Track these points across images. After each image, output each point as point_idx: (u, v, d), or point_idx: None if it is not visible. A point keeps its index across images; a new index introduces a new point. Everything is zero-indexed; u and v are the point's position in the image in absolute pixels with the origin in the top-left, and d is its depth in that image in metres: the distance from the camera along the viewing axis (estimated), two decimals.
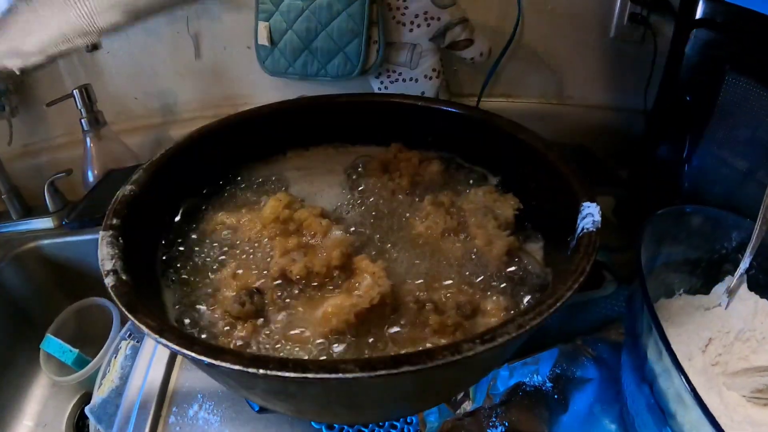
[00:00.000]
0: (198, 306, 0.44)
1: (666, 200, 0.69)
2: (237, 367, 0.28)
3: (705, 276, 0.58)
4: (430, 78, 0.77)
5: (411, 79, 0.77)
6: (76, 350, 0.71)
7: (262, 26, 0.76)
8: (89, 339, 0.77)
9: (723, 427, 0.37)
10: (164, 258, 0.49)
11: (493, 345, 0.31)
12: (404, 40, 0.75)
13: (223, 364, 0.28)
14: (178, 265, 0.49)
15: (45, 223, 0.79)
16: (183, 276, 0.48)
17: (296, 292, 0.45)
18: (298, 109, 0.64)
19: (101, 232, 0.42)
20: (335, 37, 0.74)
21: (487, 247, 0.49)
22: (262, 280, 0.45)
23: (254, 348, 0.40)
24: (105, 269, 0.38)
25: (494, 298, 0.46)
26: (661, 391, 0.43)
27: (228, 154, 0.61)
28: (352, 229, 0.52)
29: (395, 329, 0.42)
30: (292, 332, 0.41)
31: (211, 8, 0.78)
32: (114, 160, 0.77)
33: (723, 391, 0.50)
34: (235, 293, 0.43)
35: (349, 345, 0.40)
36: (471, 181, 0.60)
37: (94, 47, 0.79)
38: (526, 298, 0.46)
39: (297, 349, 0.40)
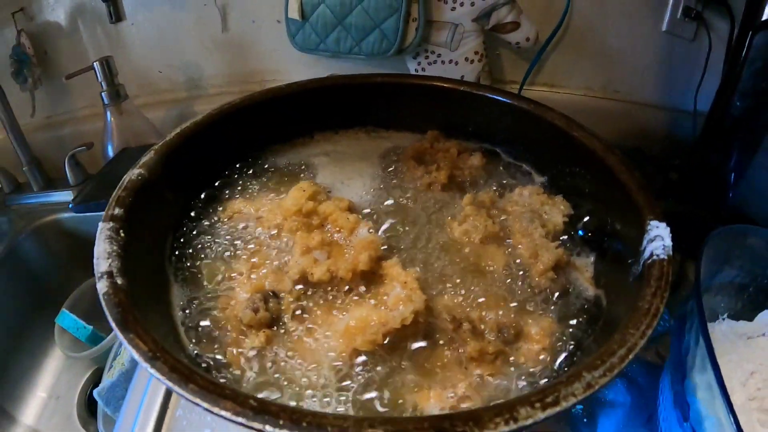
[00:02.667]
0: (207, 308, 0.37)
1: (711, 210, 0.61)
2: (240, 420, 0.20)
3: (751, 301, 0.49)
4: (472, 61, 0.67)
5: (451, 62, 0.67)
6: (90, 327, 0.66)
7: None
8: (104, 315, 0.72)
9: None
10: (174, 251, 0.42)
11: (556, 411, 0.23)
12: (445, 19, 0.65)
13: (223, 412, 0.21)
14: (190, 259, 0.42)
15: (65, 196, 0.73)
16: (193, 271, 0.40)
17: (317, 297, 0.37)
18: (328, 88, 0.56)
19: (100, 224, 0.35)
20: (371, 13, 0.65)
21: (533, 260, 0.41)
22: (280, 282, 0.38)
23: (268, 363, 0.33)
24: (98, 271, 0.31)
25: (539, 320, 0.38)
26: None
27: (251, 135, 0.53)
28: (383, 227, 0.44)
29: (425, 354, 0.34)
30: (309, 348, 0.34)
31: None
32: (135, 135, 0.70)
33: (757, 429, 0.42)
34: (248, 295, 0.36)
35: (372, 369, 0.33)
36: (515, 179, 0.52)
37: (118, 18, 0.72)
38: (573, 322, 0.38)
39: (311, 371, 0.33)
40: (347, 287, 0.37)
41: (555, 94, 0.75)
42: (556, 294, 0.40)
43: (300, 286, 0.38)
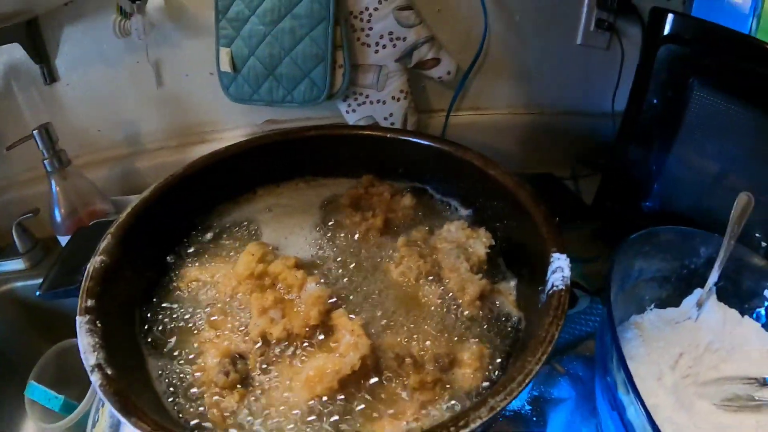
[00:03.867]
0: (182, 376, 0.44)
1: (636, 204, 0.71)
2: None
3: (675, 289, 0.60)
4: (398, 99, 0.75)
5: (378, 101, 0.75)
6: (62, 396, 0.69)
7: (224, 52, 0.73)
8: (73, 380, 0.75)
9: None
10: (143, 325, 0.48)
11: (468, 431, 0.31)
12: (370, 62, 0.73)
13: None
14: (158, 332, 0.48)
15: (16, 264, 0.76)
16: (163, 342, 0.47)
17: (277, 353, 0.44)
18: (265, 146, 0.62)
19: (78, 318, 0.41)
20: (300, 63, 0.71)
21: (461, 293, 0.49)
22: (243, 343, 0.45)
23: (246, 417, 0.40)
24: (89, 364, 0.37)
25: (470, 346, 0.46)
26: (629, 421, 0.45)
27: (196, 200, 0.60)
28: (328, 279, 0.51)
29: (378, 389, 0.42)
30: (278, 398, 0.41)
31: (171, 35, 0.74)
32: (80, 198, 0.74)
33: (694, 402, 0.51)
34: (218, 359, 0.43)
35: (332, 410, 0.41)
36: (443, 214, 0.60)
37: (53, 79, 0.75)
38: (502, 345, 0.47)
39: (282, 419, 0.40)
40: (303, 341, 0.45)
41: (481, 117, 0.84)
42: (484, 320, 0.48)
43: (261, 345, 0.45)
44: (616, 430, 0.48)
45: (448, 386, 0.43)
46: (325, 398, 0.40)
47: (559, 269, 0.43)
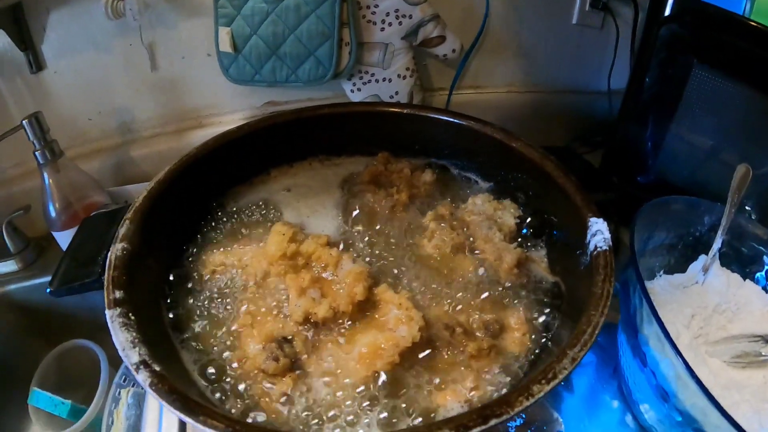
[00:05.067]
0: (222, 365, 0.41)
1: (636, 177, 0.73)
2: None
3: (681, 256, 0.61)
4: (404, 77, 0.73)
5: (384, 80, 0.73)
6: (69, 401, 0.65)
7: (224, 32, 0.70)
8: (75, 384, 0.71)
9: (711, 392, 0.40)
10: (171, 316, 0.45)
11: (557, 382, 0.32)
12: (376, 40, 0.71)
13: None
14: (188, 322, 0.45)
15: (8, 266, 0.71)
16: (196, 333, 0.44)
17: (324, 333, 0.42)
18: (278, 125, 0.59)
19: (108, 312, 0.37)
20: (305, 41, 0.69)
21: (498, 261, 0.49)
22: (284, 326, 0.43)
23: (301, 402, 0.38)
24: (132, 362, 0.34)
25: (515, 311, 0.46)
26: (663, 375, 0.46)
27: (211, 182, 0.56)
28: (362, 256, 0.50)
29: (432, 360, 0.41)
30: (332, 378, 0.40)
31: (166, 16, 0.69)
32: (75, 191, 0.69)
33: (707, 359, 0.53)
34: (261, 346, 0.41)
35: (393, 384, 0.39)
36: (465, 188, 0.59)
37: (39, 67, 0.69)
38: (542, 309, 0.46)
39: (340, 399, 0.38)
40: (348, 318, 0.43)
41: (481, 95, 0.84)
42: (522, 286, 0.48)
43: (305, 326, 0.43)
44: (650, 386, 0.49)
45: (502, 349, 0.43)
46: (383, 376, 0.39)
47: (599, 232, 0.43)
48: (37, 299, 0.71)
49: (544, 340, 0.44)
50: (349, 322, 0.43)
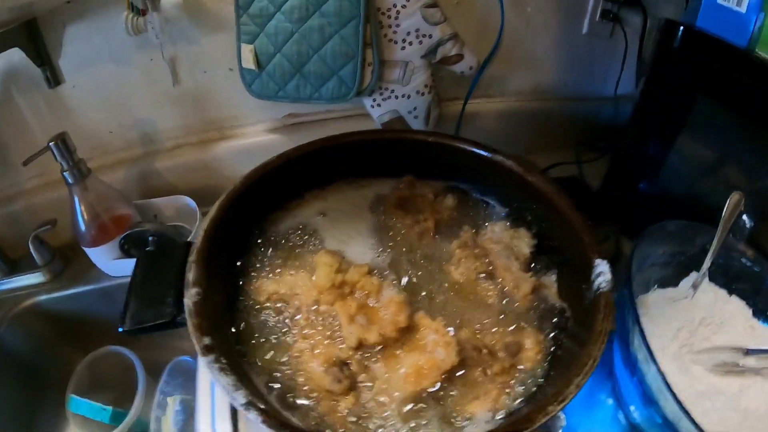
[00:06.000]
0: (288, 387, 0.54)
1: (638, 191, 0.89)
2: None
3: (675, 271, 0.76)
4: (422, 93, 0.86)
5: (403, 96, 0.85)
6: (110, 407, 0.78)
7: (247, 49, 0.80)
8: (106, 387, 0.83)
9: (687, 401, 0.55)
10: (238, 347, 0.57)
11: (566, 404, 0.47)
12: (396, 58, 0.82)
13: None
14: (252, 349, 0.57)
15: (36, 278, 0.81)
16: (265, 359, 0.56)
17: (373, 356, 0.56)
18: (312, 153, 0.70)
19: (203, 359, 0.48)
20: (329, 61, 0.80)
21: (516, 289, 0.63)
22: (340, 350, 0.57)
23: (362, 415, 0.52)
24: (240, 403, 0.44)
25: (529, 333, 0.60)
26: (648, 386, 0.61)
27: (252, 211, 0.68)
28: (399, 282, 0.64)
29: (464, 377, 0.55)
30: (384, 394, 0.53)
31: (187, 31, 0.78)
32: (103, 205, 0.79)
33: (690, 367, 0.68)
34: (324, 368, 0.55)
35: (434, 398, 0.54)
36: (484, 213, 0.73)
37: (57, 82, 0.78)
38: (551, 331, 0.61)
39: (392, 411, 0.53)
40: (393, 342, 0.58)
41: (492, 104, 0.96)
42: (535, 310, 0.63)
43: (358, 350, 0.57)
44: (635, 391, 0.65)
45: (519, 367, 0.58)
46: (427, 391, 0.54)
47: (602, 273, 0.57)
48: (66, 308, 0.83)
49: (553, 357, 0.59)
50: (395, 344, 0.58)
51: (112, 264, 0.82)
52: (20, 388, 0.79)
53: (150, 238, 0.79)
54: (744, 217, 0.76)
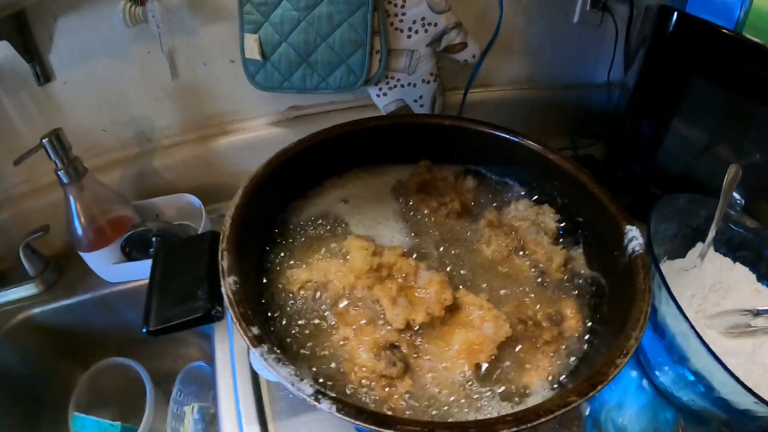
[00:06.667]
0: (341, 376, 0.52)
1: (638, 168, 0.92)
2: None
3: (681, 243, 0.79)
4: (428, 82, 0.86)
5: (409, 84, 0.85)
6: (118, 423, 0.72)
7: (251, 39, 0.78)
8: (108, 402, 0.78)
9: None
10: (278, 338, 0.54)
11: (630, 356, 0.47)
12: (402, 47, 0.82)
13: None
14: (291, 340, 0.55)
15: (29, 289, 0.75)
16: (307, 349, 0.54)
17: (421, 336, 0.55)
18: (332, 139, 0.69)
19: (256, 350, 0.45)
20: (337, 49, 0.79)
21: (549, 262, 0.64)
22: (386, 333, 0.55)
23: (420, 396, 0.51)
24: (308, 393, 0.42)
25: (568, 302, 0.60)
26: (679, 346, 0.63)
27: (275, 200, 0.66)
28: (434, 263, 0.63)
29: (515, 349, 0.55)
30: (439, 372, 0.52)
31: (187, 21, 0.75)
32: (100, 206, 0.74)
33: (705, 331, 0.71)
34: (373, 354, 0.53)
35: (493, 371, 0.53)
36: (504, 193, 0.74)
37: (47, 78, 0.73)
38: (589, 298, 0.62)
39: (450, 389, 0.52)
40: (440, 322, 0.57)
41: (490, 93, 0.98)
42: (569, 281, 0.64)
43: (404, 333, 0.56)
44: (664, 353, 0.66)
45: (565, 334, 0.58)
46: (484, 365, 0.53)
47: (635, 237, 0.59)
48: (63, 320, 0.77)
49: (594, 322, 0.59)
50: (442, 323, 0.57)
51: (112, 269, 0.77)
52: (17, 408, 0.74)
53: (154, 239, 0.75)
54: (735, 194, 0.80)
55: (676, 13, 0.78)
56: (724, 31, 0.76)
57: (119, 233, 0.76)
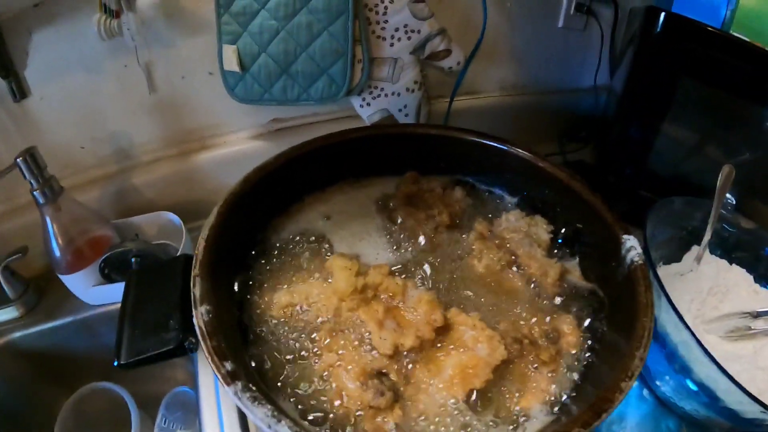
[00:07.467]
0: (324, 407, 0.46)
1: (629, 171, 0.86)
2: None
3: (677, 247, 0.74)
4: (412, 91, 0.79)
5: (393, 94, 0.79)
6: None
7: (229, 50, 0.71)
8: (96, 428, 0.72)
9: None
10: (254, 365, 0.49)
11: (636, 377, 0.42)
12: (385, 55, 0.76)
13: None
14: (273, 369, 0.49)
15: (8, 313, 0.69)
16: (288, 379, 0.48)
17: (411, 360, 0.49)
18: (312, 152, 0.63)
19: (230, 389, 0.40)
20: (317, 59, 0.72)
21: (544, 276, 0.57)
22: (372, 360, 0.49)
23: (410, 426, 0.45)
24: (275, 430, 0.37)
25: (565, 318, 0.55)
26: (680, 355, 0.58)
27: (254, 218, 0.60)
28: (422, 280, 0.57)
29: (509, 370, 0.49)
30: (432, 400, 0.46)
31: (163, 33, 0.69)
32: (78, 227, 0.68)
33: (705, 336, 0.66)
34: (360, 382, 0.46)
35: (484, 396, 0.47)
36: (493, 203, 0.68)
37: (23, 95, 0.67)
38: (587, 313, 0.56)
39: (441, 417, 0.46)
40: (430, 345, 0.50)
41: (476, 100, 0.91)
42: (565, 295, 0.57)
43: (392, 358, 0.49)
44: (665, 363, 0.61)
45: (563, 352, 0.52)
46: (476, 391, 0.47)
47: (633, 248, 0.53)
48: (44, 345, 0.71)
49: (593, 338, 0.53)
50: (432, 346, 0.50)
51: (92, 291, 0.71)
52: None
53: (133, 260, 0.69)
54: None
55: (663, 14, 0.72)
56: (712, 30, 0.71)
57: (98, 254, 0.69)
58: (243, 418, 0.60)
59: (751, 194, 0.76)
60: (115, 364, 0.48)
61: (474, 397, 0.47)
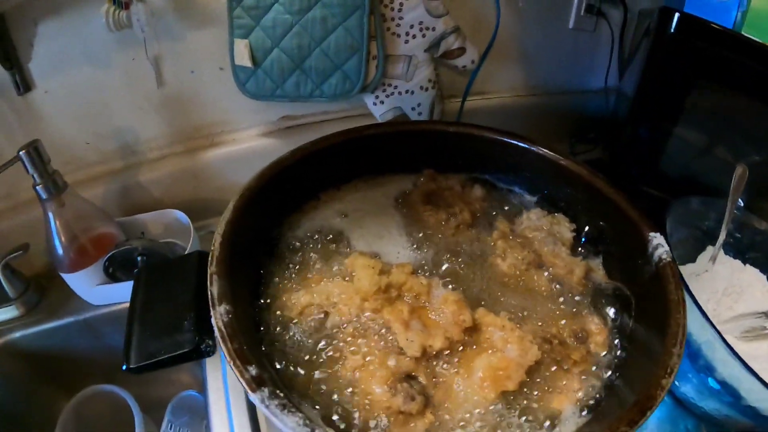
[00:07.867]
0: (350, 412, 0.42)
1: (641, 173, 0.83)
2: None
3: (691, 247, 0.71)
4: (426, 89, 0.76)
5: (407, 92, 0.75)
6: None
7: (241, 44, 0.68)
8: (97, 430, 0.68)
9: None
10: (276, 371, 0.45)
11: (674, 374, 0.39)
12: (400, 53, 0.73)
13: None
14: (296, 374, 0.45)
15: (8, 312, 0.65)
16: (312, 383, 0.44)
17: (440, 363, 0.45)
18: (329, 148, 0.60)
19: (255, 396, 0.36)
20: (331, 54, 0.69)
21: (569, 275, 0.54)
22: (401, 362, 0.45)
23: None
24: None
25: (593, 317, 0.52)
26: (704, 355, 0.55)
27: (269, 215, 0.56)
28: (446, 280, 0.53)
29: (540, 371, 0.46)
30: (463, 403, 0.43)
31: (173, 26, 0.65)
32: (82, 222, 0.64)
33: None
34: (387, 386, 0.43)
35: (518, 397, 0.44)
36: (512, 202, 0.64)
37: (27, 88, 0.63)
38: (615, 312, 0.53)
39: (474, 420, 0.42)
40: (459, 345, 0.47)
41: (488, 101, 0.89)
42: (590, 294, 0.54)
43: (420, 360, 0.45)
44: (691, 363, 0.57)
45: (593, 353, 0.49)
46: (511, 392, 0.44)
47: (660, 245, 0.50)
48: (45, 345, 0.67)
49: (622, 337, 0.50)
50: (461, 347, 0.47)
51: (95, 291, 0.67)
52: None
53: (139, 258, 0.64)
54: None
55: (678, 14, 0.70)
56: (728, 31, 0.69)
57: (102, 252, 0.65)
58: (255, 425, 0.56)
59: (762, 195, 0.74)
60: (124, 368, 0.44)
61: (506, 399, 0.43)
